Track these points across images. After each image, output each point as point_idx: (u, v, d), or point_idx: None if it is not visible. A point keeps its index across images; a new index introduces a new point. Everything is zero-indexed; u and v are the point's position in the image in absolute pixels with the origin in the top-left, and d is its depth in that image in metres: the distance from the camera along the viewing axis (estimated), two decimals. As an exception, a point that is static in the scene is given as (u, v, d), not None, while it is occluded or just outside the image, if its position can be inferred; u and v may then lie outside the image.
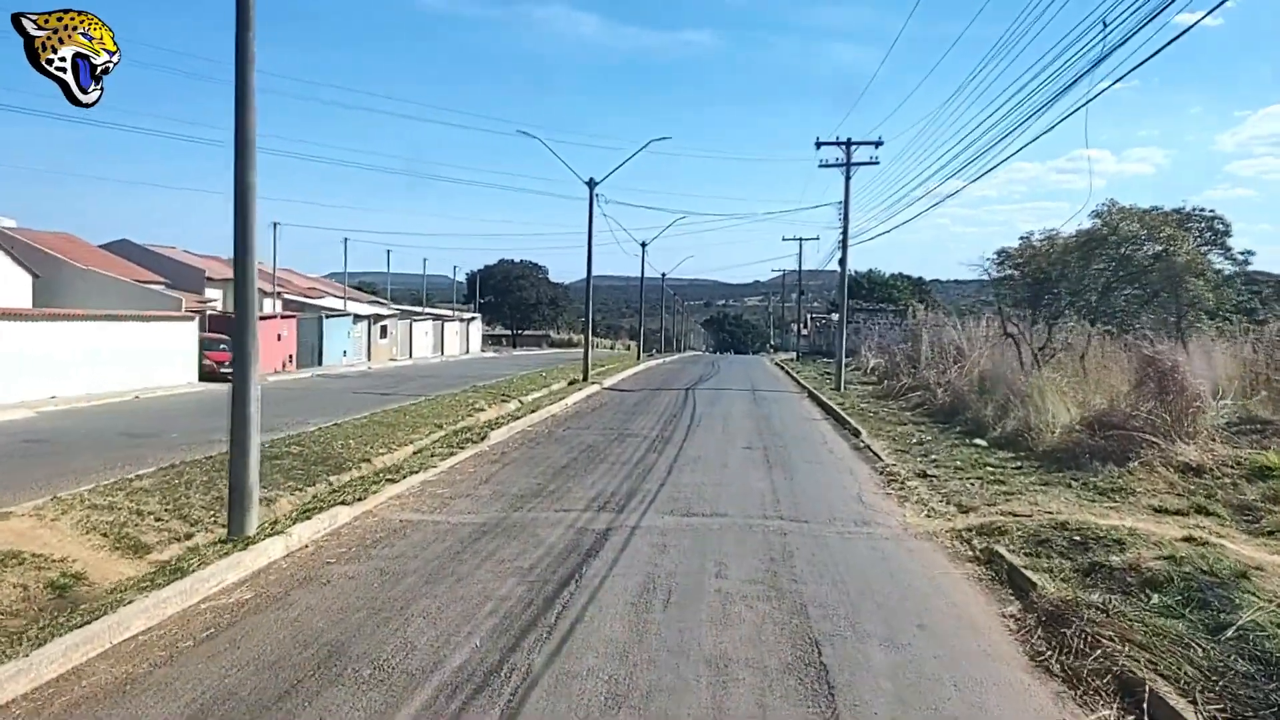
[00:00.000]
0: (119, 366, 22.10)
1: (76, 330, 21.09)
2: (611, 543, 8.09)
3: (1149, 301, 27.42)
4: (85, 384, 20.71)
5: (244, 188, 7.49)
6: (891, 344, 33.87)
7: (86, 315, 21.68)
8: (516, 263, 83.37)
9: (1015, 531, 8.38)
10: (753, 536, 8.50)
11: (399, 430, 16.21)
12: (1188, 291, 25.17)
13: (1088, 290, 20.07)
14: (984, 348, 24.38)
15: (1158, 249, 28.99)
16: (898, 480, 11.68)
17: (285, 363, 32.24)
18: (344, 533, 8.38)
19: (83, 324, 21.30)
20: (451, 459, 12.51)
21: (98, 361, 21.35)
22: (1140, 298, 27.65)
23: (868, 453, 14.50)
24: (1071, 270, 20.60)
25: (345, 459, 12.78)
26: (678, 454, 13.62)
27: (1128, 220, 33.24)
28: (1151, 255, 28.80)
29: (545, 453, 13.63)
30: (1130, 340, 21.06)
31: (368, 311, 42.50)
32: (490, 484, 10.93)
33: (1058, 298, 20.50)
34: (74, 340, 20.89)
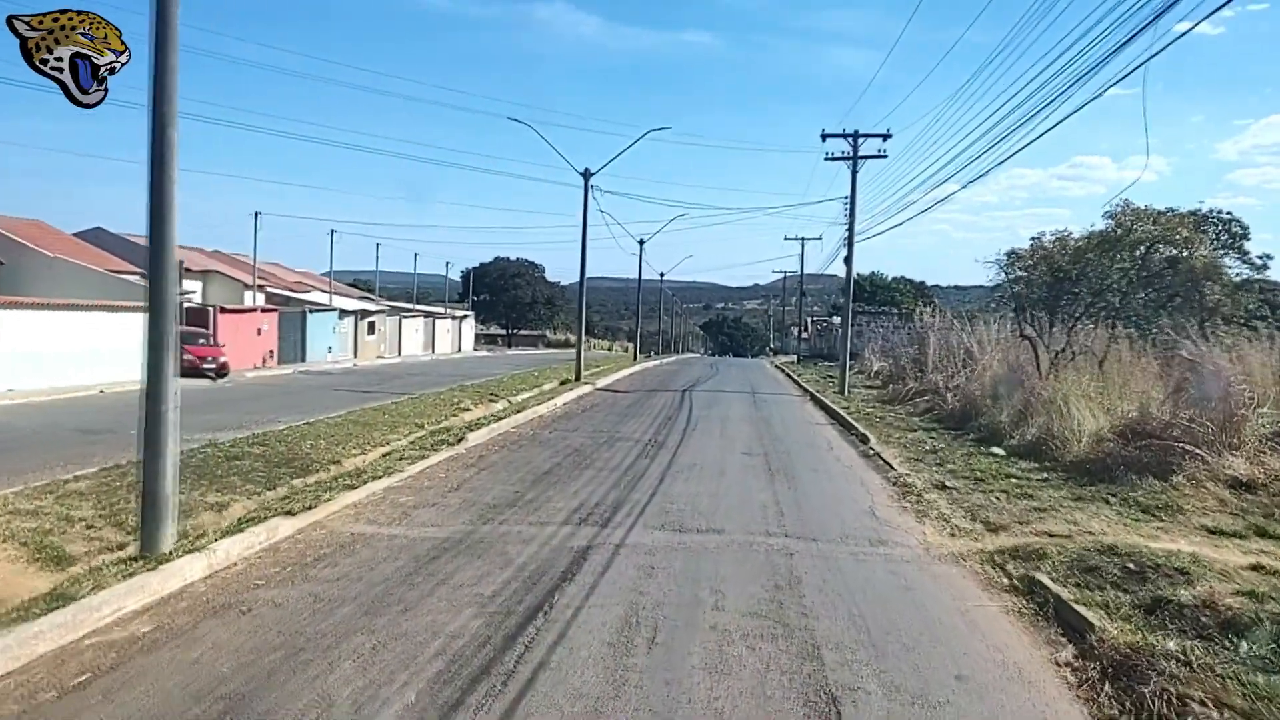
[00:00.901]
0: (84, 359, 20.97)
1: (36, 320, 19.95)
2: (591, 564, 6.99)
3: (1163, 305, 26.40)
4: (46, 377, 19.58)
5: (162, 125, 6.39)
6: (897, 347, 32.80)
7: (48, 304, 20.54)
8: (512, 261, 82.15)
9: (1056, 555, 7.30)
10: (754, 557, 7.40)
11: (375, 430, 15.16)
12: (1207, 295, 24.10)
13: (1109, 291, 18.94)
14: (995, 351, 23.34)
15: (1173, 252, 27.94)
16: (913, 492, 10.58)
17: (266, 358, 31.09)
18: (283, 548, 7.27)
19: (43, 313, 20.17)
20: (422, 462, 11.41)
21: (60, 353, 20.22)
22: (1155, 301, 26.60)
23: (878, 461, 13.40)
24: (1093, 270, 19.50)
25: (313, 460, 11.72)
26: (671, 460, 12.52)
27: (1142, 221, 32.13)
28: (1167, 258, 27.65)
29: (527, 456, 12.52)
30: (1148, 345, 20.03)
31: (355, 307, 41.31)
32: (461, 491, 9.82)
33: (1077, 299, 19.37)
34: (33, 330, 19.75)
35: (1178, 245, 30.04)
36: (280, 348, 32.21)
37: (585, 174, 26.52)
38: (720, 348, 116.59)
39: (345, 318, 38.97)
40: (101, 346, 21.87)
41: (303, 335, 34.25)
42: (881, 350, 37.21)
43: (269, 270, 41.23)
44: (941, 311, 29.76)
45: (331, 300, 38.80)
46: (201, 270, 33.17)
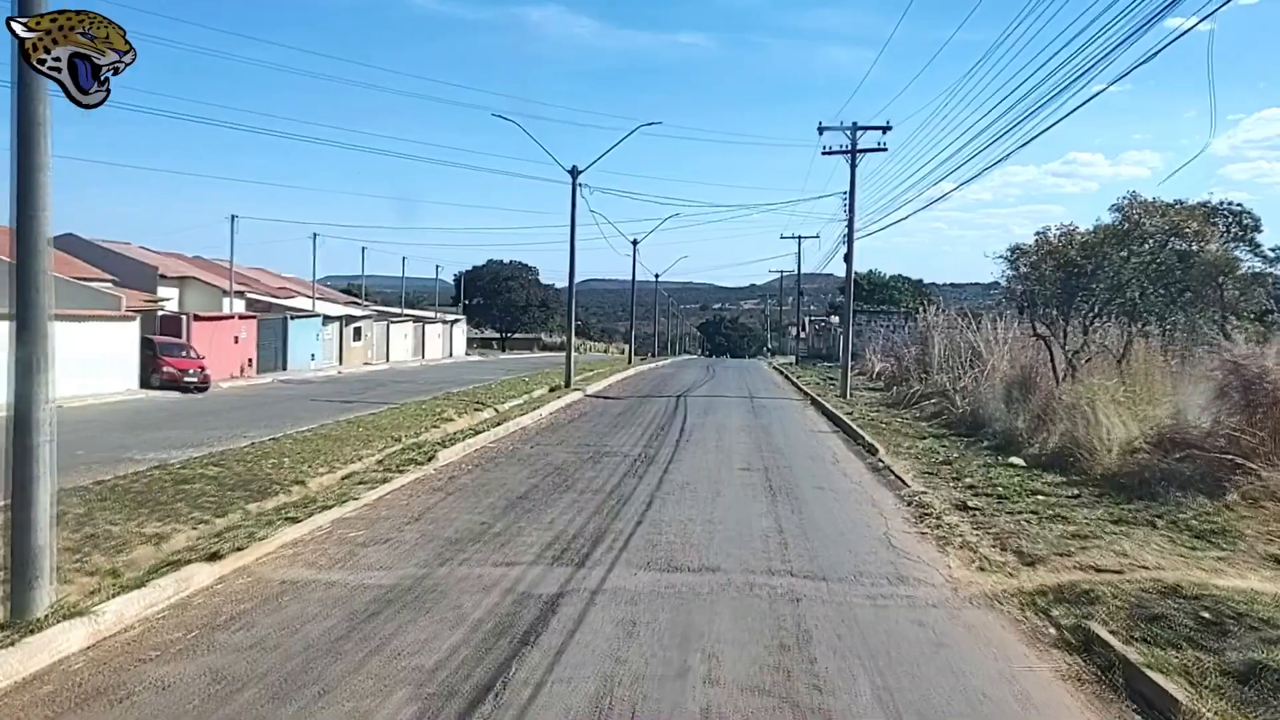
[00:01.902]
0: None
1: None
2: (561, 618, 5.86)
3: (1174, 301, 25.31)
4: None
5: (28, 99, 5.28)
6: (899, 347, 31.70)
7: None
8: (506, 263, 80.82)
9: (1110, 598, 6.18)
10: (755, 605, 6.27)
11: (346, 445, 14.08)
12: (1226, 291, 22.97)
13: (1129, 286, 17.80)
14: (1003, 351, 22.27)
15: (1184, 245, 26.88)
16: (932, 514, 9.46)
17: (244, 367, 29.89)
18: (195, 604, 6.13)
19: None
20: (384, 486, 10.28)
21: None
22: (1164, 297, 25.50)
23: (888, 475, 12.28)
24: (1109, 264, 18.36)
25: (273, 482, 10.68)
26: (662, 479, 11.39)
27: (1150, 215, 31.02)
28: (1179, 252, 26.53)
29: (502, 477, 11.37)
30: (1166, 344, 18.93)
31: (339, 312, 40.09)
32: (421, 523, 8.68)
33: (1094, 295, 18.23)
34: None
35: (1188, 238, 28.96)
36: (260, 356, 31.01)
37: (573, 171, 25.41)
38: (717, 349, 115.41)
39: (329, 324, 37.73)
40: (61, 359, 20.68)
41: (284, 343, 33.04)
42: (883, 351, 36.12)
43: (252, 276, 40.06)
44: (945, 310, 28.65)
45: (315, 306, 37.59)
46: (178, 276, 31.94)
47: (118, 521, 8.26)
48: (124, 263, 28.14)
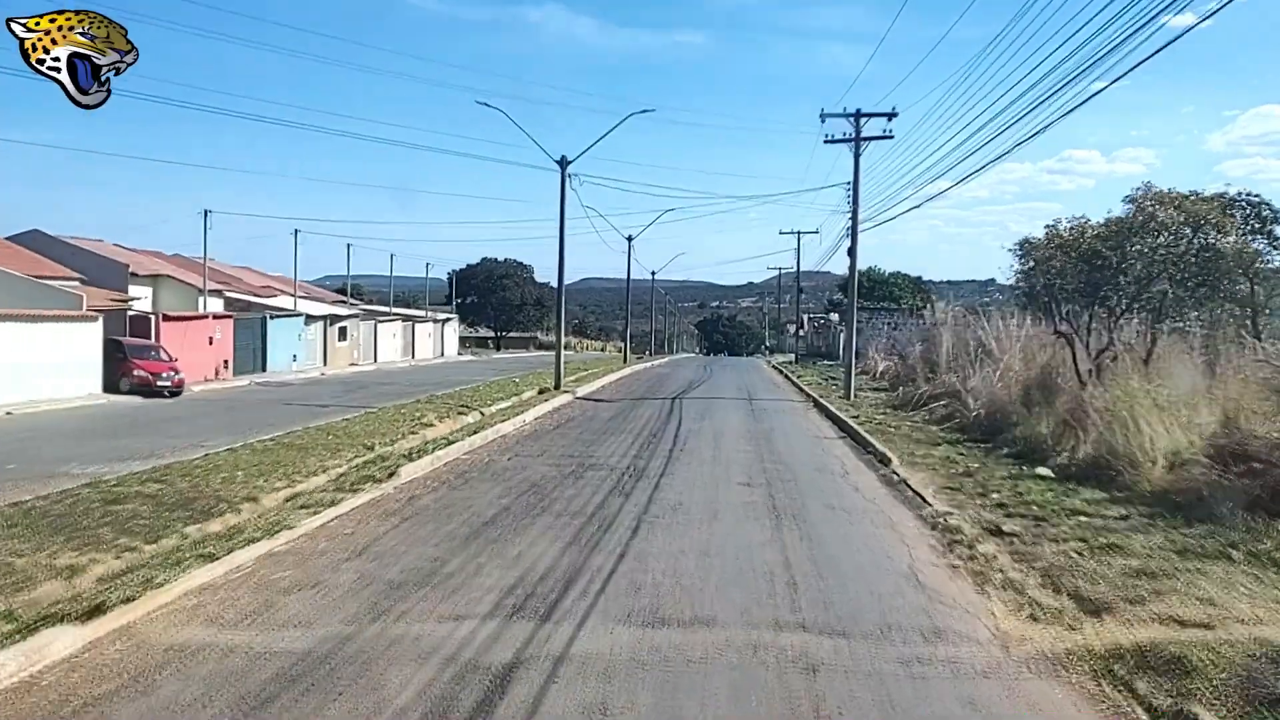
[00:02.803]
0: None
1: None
2: (511, 705, 4.54)
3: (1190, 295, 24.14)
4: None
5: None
6: (904, 345, 30.41)
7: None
8: (500, 261, 79.29)
9: (1209, 666, 4.91)
10: (760, 678, 4.97)
11: (311, 456, 12.88)
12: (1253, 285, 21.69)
13: (1158, 279, 16.51)
14: (1016, 350, 20.97)
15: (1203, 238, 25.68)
16: (962, 541, 8.16)
17: (219, 369, 28.48)
18: (43, 685, 4.81)
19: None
20: (331, 510, 8.96)
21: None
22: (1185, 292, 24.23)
23: (904, 490, 10.99)
24: (1139, 255, 17.12)
25: (222, 499, 9.54)
26: (651, 497, 10.07)
27: (1165, 206, 29.95)
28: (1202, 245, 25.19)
29: (469, 497, 10.04)
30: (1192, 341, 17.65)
31: (323, 311, 38.64)
32: (364, 558, 7.36)
33: (1118, 289, 16.97)
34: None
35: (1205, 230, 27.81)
36: (237, 357, 29.58)
37: (562, 161, 24.06)
38: (715, 347, 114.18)
39: (312, 323, 36.25)
40: (14, 361, 19.38)
41: (263, 343, 31.59)
42: (887, 348, 34.83)
43: (234, 275, 38.66)
44: (953, 306, 27.41)
45: (296, 304, 36.15)
46: (150, 275, 30.42)
47: (24, 552, 7.04)
48: (93, 260, 26.71)
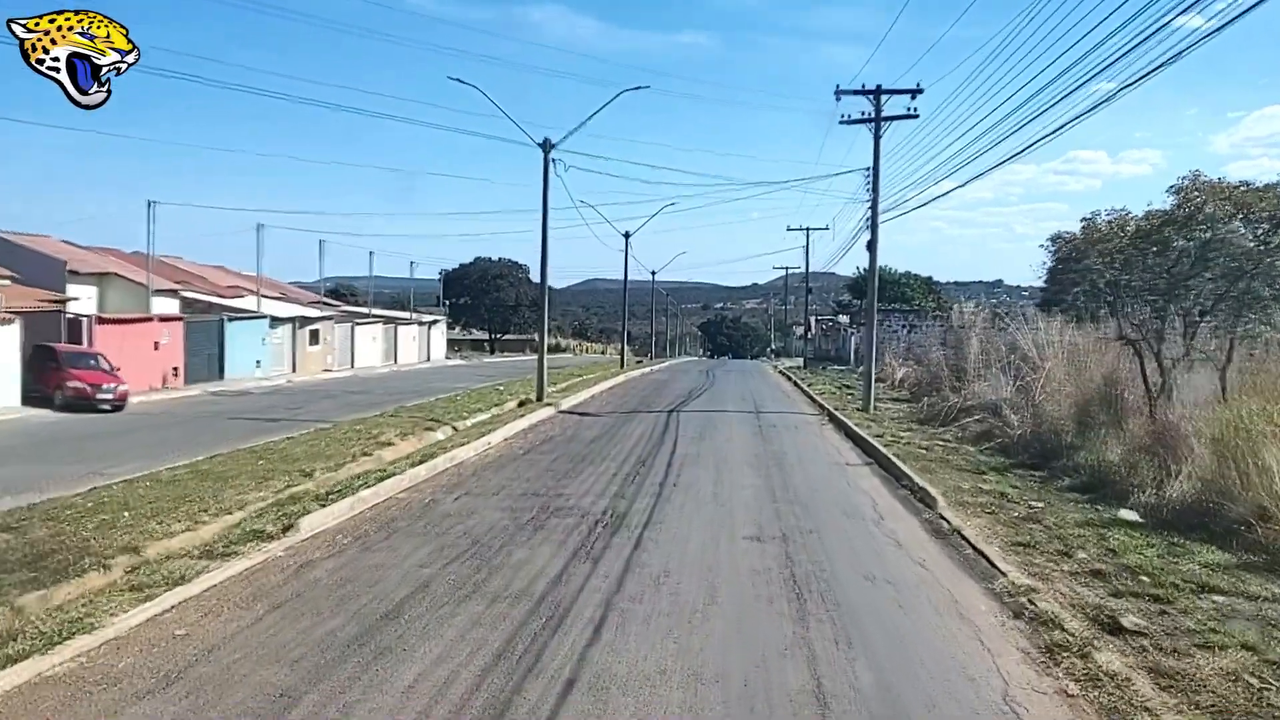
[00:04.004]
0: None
1: None
2: None
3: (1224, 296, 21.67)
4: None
5: None
6: (924, 349, 27.85)
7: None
8: (494, 261, 76.35)
9: None
10: None
11: (231, 487, 10.52)
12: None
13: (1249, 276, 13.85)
14: (1062, 357, 18.44)
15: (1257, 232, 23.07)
16: (1070, 647, 5.61)
17: (167, 377, 25.84)
18: None
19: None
20: (175, 592, 6.41)
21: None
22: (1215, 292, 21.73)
23: (960, 545, 8.43)
24: (1230, 246, 14.52)
25: (92, 551, 7.23)
26: (628, 563, 7.50)
27: (1215, 197, 27.22)
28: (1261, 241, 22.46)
29: (380, 565, 7.44)
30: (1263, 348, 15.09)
31: (292, 312, 35.95)
32: (171, 692, 4.79)
33: (1193, 288, 14.34)
34: None
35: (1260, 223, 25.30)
36: (190, 364, 26.94)
37: (545, 144, 21.49)
38: (719, 349, 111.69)
39: (279, 326, 33.50)
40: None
41: (220, 348, 28.91)
42: (904, 353, 32.26)
43: (199, 273, 36.02)
44: (982, 306, 24.84)
45: (260, 305, 33.53)
46: (96, 273, 27.71)
47: None
48: (29, 257, 24.04)
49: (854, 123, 20.91)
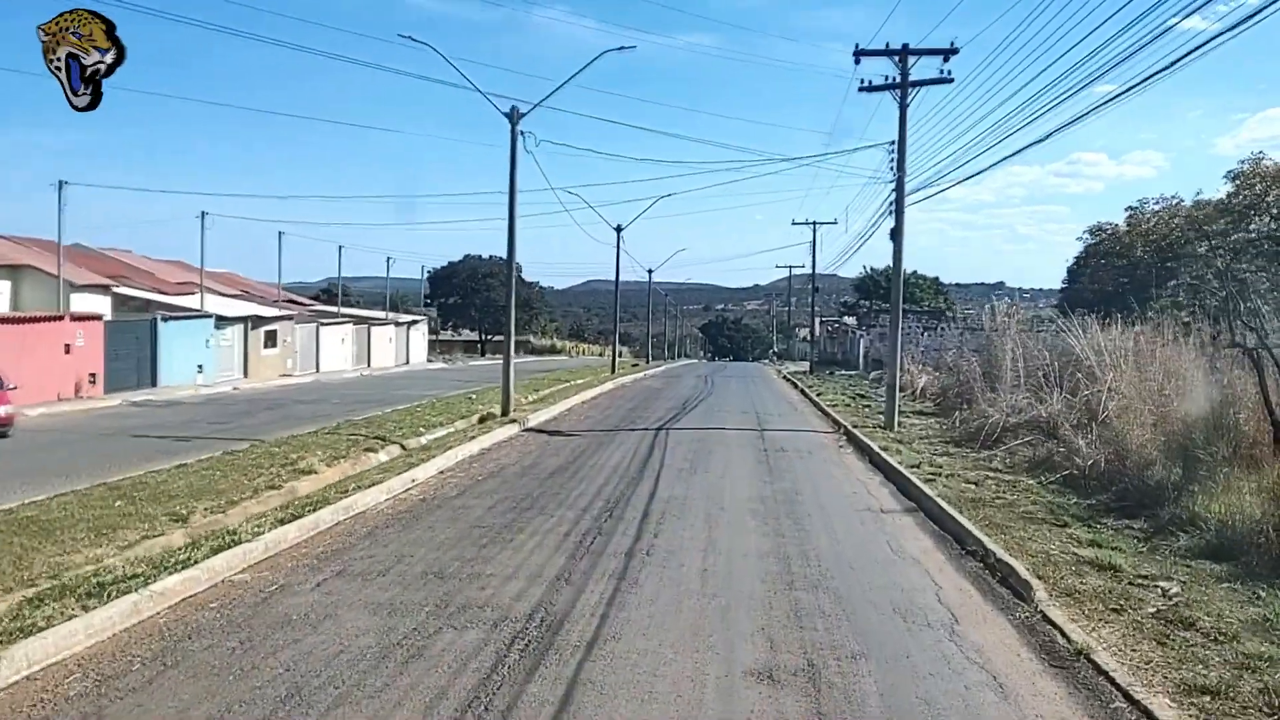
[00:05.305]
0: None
1: None
2: None
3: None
4: None
5: None
6: (951, 356, 24.64)
7: None
8: (484, 259, 72.89)
9: None
10: None
11: (53, 542, 7.57)
12: None
13: None
14: (1129, 368, 15.29)
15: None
16: None
17: (82, 385, 22.49)
18: None
19: None
20: None
21: None
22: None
23: (1096, 682, 5.20)
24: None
25: None
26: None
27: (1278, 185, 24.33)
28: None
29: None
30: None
31: (242, 312, 32.52)
32: None
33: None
34: None
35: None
36: (114, 369, 23.64)
37: (512, 114, 18.26)
38: (720, 350, 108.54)
39: (227, 326, 30.09)
40: None
41: (152, 351, 25.65)
42: (923, 359, 29.04)
43: (146, 269, 32.84)
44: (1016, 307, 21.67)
45: (203, 303, 30.14)
46: (8, 265, 24.40)
47: None
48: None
49: (876, 89, 17.63)
